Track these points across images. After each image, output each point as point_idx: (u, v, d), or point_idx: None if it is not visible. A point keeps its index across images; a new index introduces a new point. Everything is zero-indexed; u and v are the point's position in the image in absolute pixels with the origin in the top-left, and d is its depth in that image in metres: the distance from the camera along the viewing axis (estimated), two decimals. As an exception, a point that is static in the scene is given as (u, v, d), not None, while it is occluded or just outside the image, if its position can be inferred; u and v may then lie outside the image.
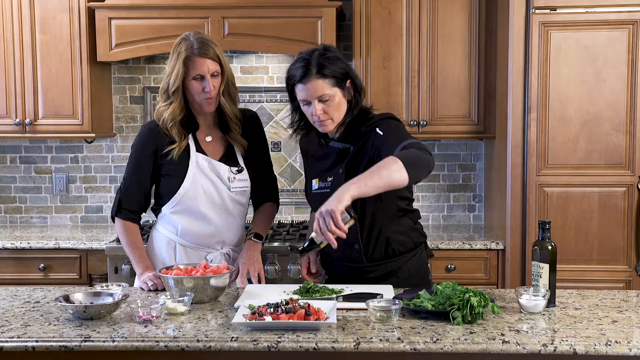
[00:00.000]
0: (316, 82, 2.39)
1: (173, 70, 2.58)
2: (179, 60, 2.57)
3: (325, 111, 2.42)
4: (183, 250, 2.69)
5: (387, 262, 2.55)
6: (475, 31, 3.84)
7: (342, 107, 2.45)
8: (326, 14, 3.82)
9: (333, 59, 2.42)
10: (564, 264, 3.54)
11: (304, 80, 2.39)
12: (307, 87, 2.39)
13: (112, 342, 1.96)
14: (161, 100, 2.65)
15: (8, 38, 3.94)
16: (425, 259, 2.66)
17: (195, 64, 2.57)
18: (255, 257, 2.69)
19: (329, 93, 2.40)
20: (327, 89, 2.40)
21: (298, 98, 2.46)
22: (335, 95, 2.42)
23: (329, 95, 2.40)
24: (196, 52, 2.57)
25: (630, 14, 3.43)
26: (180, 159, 2.64)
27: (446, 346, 1.92)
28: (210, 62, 2.58)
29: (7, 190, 4.41)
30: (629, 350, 1.91)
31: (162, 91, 2.64)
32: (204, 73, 2.57)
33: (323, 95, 2.40)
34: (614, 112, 3.47)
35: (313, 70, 2.39)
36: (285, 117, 4.28)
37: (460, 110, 3.87)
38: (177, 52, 2.59)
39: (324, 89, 2.39)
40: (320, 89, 2.39)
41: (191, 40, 2.59)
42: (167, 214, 2.69)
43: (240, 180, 2.71)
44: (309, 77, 2.39)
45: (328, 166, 2.53)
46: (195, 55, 2.57)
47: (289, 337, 1.96)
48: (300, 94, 2.43)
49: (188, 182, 2.63)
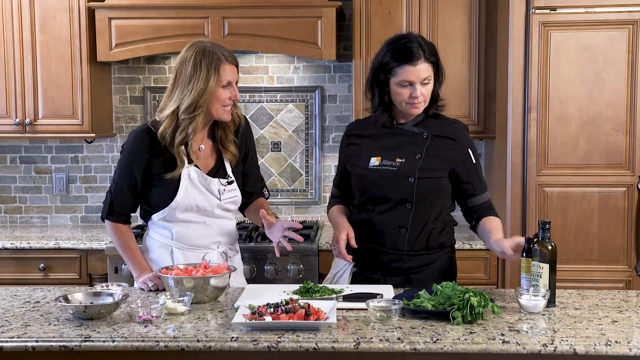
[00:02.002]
0: (425, 65, 2.51)
1: (207, 83, 2.49)
2: (213, 70, 2.50)
3: (423, 94, 2.53)
4: (180, 253, 2.67)
5: (425, 254, 2.60)
6: (475, 31, 3.84)
7: (431, 91, 2.58)
8: (326, 14, 3.82)
9: (430, 43, 2.56)
10: (564, 264, 3.54)
11: (414, 62, 2.49)
12: (417, 69, 2.49)
13: (112, 342, 1.97)
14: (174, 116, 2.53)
15: (8, 38, 3.94)
16: (454, 260, 2.73)
17: (227, 71, 2.54)
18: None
19: (431, 77, 2.53)
20: (430, 72, 2.53)
21: (400, 78, 2.51)
22: (432, 79, 2.55)
23: (429, 79, 2.53)
24: (230, 60, 2.55)
25: (630, 14, 3.43)
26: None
27: (446, 346, 1.92)
28: (235, 69, 2.59)
29: (7, 190, 4.41)
30: (629, 350, 1.91)
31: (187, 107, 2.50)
32: (233, 80, 2.57)
33: (428, 77, 2.52)
34: (614, 112, 3.47)
35: (424, 55, 2.51)
36: (285, 117, 4.29)
37: (460, 110, 3.87)
38: (207, 62, 2.51)
39: (428, 71, 2.52)
40: (426, 72, 2.51)
41: (215, 47, 2.54)
42: (157, 221, 2.68)
43: (230, 191, 2.69)
44: (418, 59, 2.49)
45: (395, 146, 2.58)
46: (229, 62, 2.55)
47: (289, 337, 1.96)
48: (405, 75, 2.50)
49: (180, 195, 2.61)
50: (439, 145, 2.57)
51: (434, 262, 2.61)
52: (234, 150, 2.70)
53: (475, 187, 2.62)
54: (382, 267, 2.61)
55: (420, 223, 2.58)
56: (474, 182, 2.61)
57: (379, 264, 2.61)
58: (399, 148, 2.58)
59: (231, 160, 2.71)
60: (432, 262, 2.61)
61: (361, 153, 2.65)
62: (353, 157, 2.68)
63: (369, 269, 2.63)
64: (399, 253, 2.58)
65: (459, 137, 2.62)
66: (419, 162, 2.54)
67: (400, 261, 2.58)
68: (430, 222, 2.59)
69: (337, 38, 3.94)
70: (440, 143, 2.58)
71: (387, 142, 2.60)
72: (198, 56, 2.52)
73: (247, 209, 2.85)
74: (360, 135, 2.70)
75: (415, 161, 2.55)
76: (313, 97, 4.28)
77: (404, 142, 2.59)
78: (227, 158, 2.70)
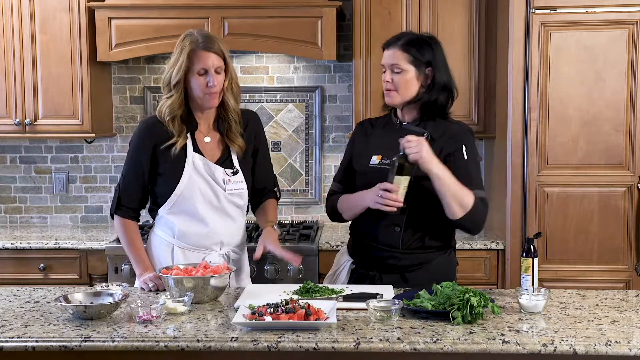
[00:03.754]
0: (395, 52, 2.56)
1: (176, 63, 2.57)
2: (182, 53, 2.56)
3: (393, 81, 2.56)
4: (181, 252, 2.67)
5: (420, 254, 2.59)
6: (475, 31, 3.84)
7: (410, 86, 2.57)
8: (326, 14, 3.82)
9: (426, 44, 2.59)
10: (564, 264, 3.55)
11: (389, 47, 2.60)
12: (387, 54, 2.59)
13: (112, 342, 1.96)
14: (164, 94, 2.64)
15: (8, 38, 3.94)
16: (453, 261, 2.71)
17: (200, 58, 2.55)
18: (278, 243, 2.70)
19: (402, 66, 2.55)
20: (402, 62, 2.55)
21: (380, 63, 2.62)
22: (408, 72, 2.56)
23: (402, 68, 2.55)
24: (201, 46, 2.55)
25: (630, 14, 3.43)
26: (177, 159, 2.62)
27: (446, 346, 1.92)
28: (215, 57, 2.57)
29: (7, 190, 4.41)
30: (629, 350, 1.91)
31: (164, 84, 2.63)
32: (208, 67, 2.56)
33: (396, 64, 2.55)
34: (614, 112, 3.47)
35: (399, 42, 2.57)
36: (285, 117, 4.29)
37: (460, 110, 3.85)
38: (181, 47, 2.58)
39: (399, 59, 2.55)
40: (395, 58, 2.56)
41: (196, 35, 2.58)
42: (164, 215, 2.68)
43: (236, 182, 2.68)
44: (393, 46, 2.59)
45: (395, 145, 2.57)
46: (200, 49, 2.55)
47: (289, 337, 1.96)
48: (382, 60, 2.61)
49: (184, 182, 2.62)
50: (438, 145, 2.56)
51: (429, 262, 2.60)
52: (241, 142, 2.70)
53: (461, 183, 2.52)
54: (377, 263, 2.61)
55: (416, 222, 2.57)
56: (461, 179, 2.51)
57: (374, 260, 2.61)
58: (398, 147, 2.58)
59: (238, 152, 2.71)
60: (428, 262, 2.60)
61: (365, 151, 2.68)
62: (357, 154, 2.71)
63: (365, 266, 2.64)
64: (393, 251, 2.58)
65: (456, 134, 2.60)
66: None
67: (395, 259, 2.58)
68: (427, 221, 2.58)
69: (337, 38, 3.94)
70: (439, 142, 2.57)
71: (389, 140, 2.61)
72: (180, 41, 2.61)
73: (257, 210, 2.86)
74: (366, 134, 2.73)
75: None
76: (313, 97, 4.28)
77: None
78: (234, 150, 2.70)
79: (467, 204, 2.47)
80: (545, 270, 3.46)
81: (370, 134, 2.72)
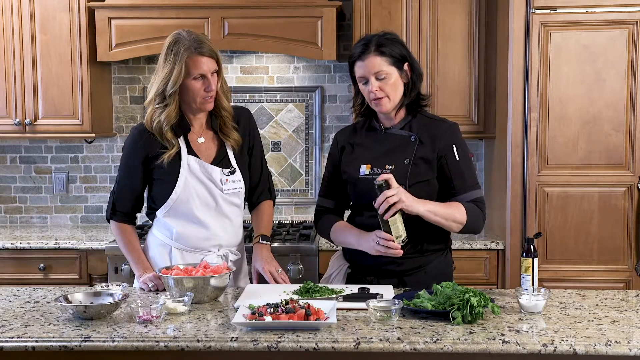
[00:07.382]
0: (374, 59, 2.48)
1: (172, 72, 2.50)
2: (178, 61, 2.50)
3: (381, 88, 2.49)
4: (179, 254, 2.66)
5: (418, 257, 2.57)
6: (475, 31, 3.84)
7: (398, 87, 2.52)
8: (326, 14, 3.82)
9: (392, 40, 2.52)
10: (564, 264, 3.55)
11: (363, 57, 2.49)
12: (365, 64, 2.48)
13: (112, 342, 1.96)
14: (152, 103, 2.57)
15: (8, 38, 3.94)
16: (450, 261, 2.70)
17: (196, 64, 2.52)
18: (269, 257, 2.70)
19: (385, 70, 2.48)
20: (385, 66, 2.48)
21: (357, 76, 2.53)
22: (392, 74, 2.49)
23: (386, 73, 2.48)
24: (197, 52, 2.52)
25: (630, 14, 3.43)
26: (172, 163, 2.59)
27: (446, 346, 1.92)
28: (210, 61, 2.55)
29: (7, 190, 4.41)
30: (629, 350, 1.91)
31: (156, 94, 2.55)
32: (205, 72, 2.53)
33: (380, 71, 2.48)
34: (614, 112, 3.47)
35: (372, 48, 2.48)
36: (285, 117, 4.29)
37: (460, 110, 3.87)
38: (174, 53, 2.51)
39: (381, 65, 2.48)
40: (377, 66, 2.47)
41: (188, 39, 2.53)
42: (161, 218, 2.67)
43: (233, 182, 2.67)
44: (367, 54, 2.48)
45: (384, 152, 2.55)
46: (196, 54, 2.51)
47: (289, 337, 1.96)
48: (359, 71, 2.51)
49: (180, 186, 2.60)
50: (426, 146, 2.52)
51: (427, 265, 2.58)
52: (236, 136, 2.68)
53: (455, 185, 2.52)
54: (374, 269, 2.58)
55: (413, 227, 2.51)
56: (455, 180, 2.51)
57: (371, 266, 2.58)
58: (388, 154, 2.55)
59: (234, 147, 2.69)
60: (426, 265, 2.58)
61: (352, 161, 2.62)
62: (345, 164, 2.65)
63: (362, 272, 2.61)
64: (391, 257, 2.55)
65: (445, 134, 2.55)
66: (408, 167, 2.50)
67: (393, 264, 2.55)
68: (423, 225, 2.52)
69: (337, 38, 3.94)
70: (427, 143, 2.53)
71: (377, 149, 2.57)
72: (170, 46, 2.54)
73: (252, 212, 2.85)
74: (347, 144, 2.67)
75: (404, 167, 2.51)
76: (313, 97, 4.28)
77: (393, 147, 2.55)
78: (230, 145, 2.68)
79: (461, 219, 2.48)
80: (545, 270, 3.46)
81: (355, 143, 2.65)
